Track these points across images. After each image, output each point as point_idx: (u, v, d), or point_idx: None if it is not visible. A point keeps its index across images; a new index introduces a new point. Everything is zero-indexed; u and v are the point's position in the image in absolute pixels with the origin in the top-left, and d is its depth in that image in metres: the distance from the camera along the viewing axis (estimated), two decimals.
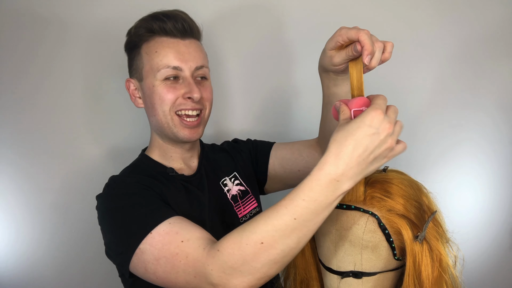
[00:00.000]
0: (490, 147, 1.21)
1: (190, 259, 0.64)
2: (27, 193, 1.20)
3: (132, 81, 0.87)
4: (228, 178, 0.95)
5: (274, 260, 0.59)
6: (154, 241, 0.67)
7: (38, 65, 1.14)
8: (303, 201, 0.57)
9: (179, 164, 0.90)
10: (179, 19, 0.82)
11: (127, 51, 0.88)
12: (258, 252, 0.58)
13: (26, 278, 1.24)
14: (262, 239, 0.58)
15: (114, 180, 0.82)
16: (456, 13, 1.13)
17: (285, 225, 0.57)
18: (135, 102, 0.89)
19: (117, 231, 0.74)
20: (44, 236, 1.22)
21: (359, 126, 0.55)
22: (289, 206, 0.57)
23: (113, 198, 0.77)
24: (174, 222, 0.69)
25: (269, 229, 0.58)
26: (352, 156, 0.55)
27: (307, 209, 0.57)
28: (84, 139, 1.19)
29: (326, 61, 0.71)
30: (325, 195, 0.56)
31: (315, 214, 0.57)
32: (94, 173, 1.17)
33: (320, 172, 0.56)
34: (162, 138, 0.88)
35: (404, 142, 0.59)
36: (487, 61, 1.16)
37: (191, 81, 0.82)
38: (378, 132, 0.55)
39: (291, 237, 0.58)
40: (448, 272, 0.65)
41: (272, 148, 1.01)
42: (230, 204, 0.92)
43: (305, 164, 0.95)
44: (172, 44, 0.82)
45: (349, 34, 0.64)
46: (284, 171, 0.98)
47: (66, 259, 1.23)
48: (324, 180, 0.56)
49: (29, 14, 1.10)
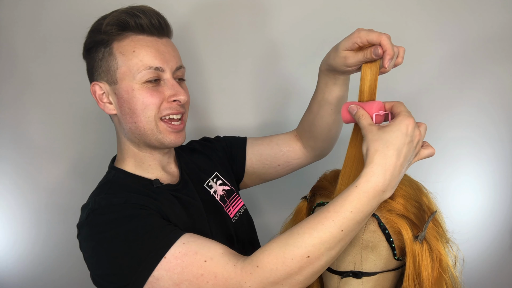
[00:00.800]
0: (490, 147, 1.21)
1: (220, 278, 0.60)
2: (26, 192, 1.20)
3: (100, 84, 0.76)
4: (211, 179, 0.90)
5: (317, 271, 0.60)
6: (171, 266, 0.62)
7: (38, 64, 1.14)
8: (350, 213, 0.57)
9: (158, 173, 0.81)
10: (154, 16, 0.75)
11: (89, 51, 0.77)
12: (304, 266, 0.58)
13: (26, 277, 1.24)
14: (309, 253, 0.58)
15: (99, 203, 0.71)
16: (457, 13, 1.13)
17: (332, 237, 0.58)
18: (105, 108, 0.77)
19: (119, 261, 0.64)
20: (43, 236, 1.23)
21: (397, 135, 0.57)
22: (336, 219, 0.58)
23: (106, 225, 0.67)
24: (188, 241, 0.64)
25: (315, 242, 0.58)
26: (396, 166, 0.57)
27: (353, 220, 0.58)
28: (84, 138, 1.19)
29: (339, 61, 0.71)
30: (372, 206, 0.58)
31: (359, 224, 0.59)
32: (94, 172, 1.17)
33: (368, 184, 0.57)
34: (138, 146, 0.79)
35: (432, 148, 0.64)
36: (487, 61, 1.16)
37: (174, 82, 0.76)
38: (412, 140, 0.58)
39: (336, 248, 0.59)
40: (448, 272, 0.65)
41: (248, 144, 0.97)
42: (221, 206, 0.88)
43: (286, 159, 0.93)
44: (150, 43, 0.74)
45: (370, 37, 0.64)
46: (263, 167, 0.96)
47: (66, 259, 1.23)
48: (372, 192, 0.57)
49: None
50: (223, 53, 1.17)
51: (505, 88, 1.17)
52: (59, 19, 1.11)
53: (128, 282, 0.63)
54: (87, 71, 0.80)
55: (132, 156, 0.80)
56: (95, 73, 0.77)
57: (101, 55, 0.75)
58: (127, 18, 0.72)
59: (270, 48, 1.17)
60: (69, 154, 1.20)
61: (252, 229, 0.96)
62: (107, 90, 0.76)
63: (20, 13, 1.11)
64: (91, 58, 0.77)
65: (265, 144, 0.96)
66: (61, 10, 1.11)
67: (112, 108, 0.77)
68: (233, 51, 1.17)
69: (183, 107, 0.78)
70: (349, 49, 0.68)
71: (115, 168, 0.80)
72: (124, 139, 0.79)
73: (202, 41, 1.16)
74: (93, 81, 0.77)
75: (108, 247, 0.65)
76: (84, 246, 0.70)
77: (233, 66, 1.19)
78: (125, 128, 0.77)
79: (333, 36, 1.13)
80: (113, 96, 0.76)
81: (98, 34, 0.74)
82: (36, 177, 1.19)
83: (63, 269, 1.25)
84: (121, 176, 0.79)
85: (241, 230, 0.90)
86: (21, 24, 1.11)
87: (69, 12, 1.11)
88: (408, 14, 1.14)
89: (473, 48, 1.14)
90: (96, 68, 0.76)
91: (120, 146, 0.81)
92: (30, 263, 1.24)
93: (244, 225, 0.93)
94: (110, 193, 0.74)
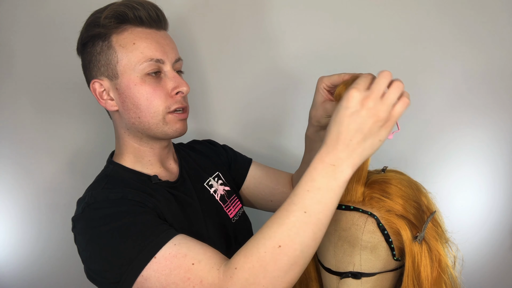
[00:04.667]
0: (490, 146, 1.21)
1: (205, 283, 0.59)
2: (26, 192, 1.20)
3: (99, 81, 0.75)
4: (212, 178, 0.90)
5: (294, 262, 0.57)
6: (160, 266, 0.61)
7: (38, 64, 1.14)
8: (307, 192, 0.57)
9: (157, 169, 0.81)
10: (152, 8, 0.75)
11: (85, 46, 0.75)
12: (278, 257, 0.56)
13: (25, 277, 1.24)
14: (279, 241, 0.57)
15: (95, 197, 0.70)
16: (458, 13, 1.13)
17: (297, 221, 0.57)
18: (106, 105, 0.76)
19: (110, 257, 0.64)
20: (42, 235, 1.23)
21: (338, 110, 0.57)
22: (296, 201, 0.57)
23: (100, 220, 0.67)
24: (179, 242, 0.63)
25: (283, 229, 0.57)
26: (338, 139, 0.56)
27: (314, 199, 0.57)
28: (81, 135, 1.19)
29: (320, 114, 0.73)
30: (326, 182, 0.57)
31: (323, 204, 0.57)
32: (92, 170, 1.16)
33: (315, 160, 0.58)
34: (140, 140, 0.78)
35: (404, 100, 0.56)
36: (487, 60, 1.15)
37: (175, 74, 0.76)
38: (357, 110, 0.55)
39: (306, 232, 0.57)
40: (447, 272, 0.65)
41: (251, 166, 0.98)
42: (220, 205, 0.88)
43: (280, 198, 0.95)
44: (149, 35, 0.74)
45: (332, 79, 0.67)
46: (257, 195, 0.97)
47: (65, 258, 1.23)
48: (320, 166, 0.57)
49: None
50: (222, 51, 1.18)
51: (505, 87, 1.16)
52: (55, 18, 1.11)
53: (119, 280, 0.63)
54: (82, 67, 0.78)
55: (131, 151, 0.79)
56: (94, 69, 0.75)
57: (99, 49, 0.73)
58: (126, 10, 0.72)
59: (271, 46, 1.17)
60: (66, 152, 1.20)
61: (249, 231, 0.96)
62: (108, 86, 0.75)
63: (17, 12, 1.11)
64: (87, 53, 0.75)
65: (269, 174, 0.98)
66: (57, 9, 1.11)
67: (114, 104, 0.76)
68: (233, 49, 1.17)
69: (185, 100, 0.79)
70: (323, 100, 0.71)
71: (113, 163, 0.80)
72: (124, 134, 0.79)
73: (200, 36, 1.16)
74: (92, 79, 0.76)
75: (101, 243, 0.65)
76: (78, 240, 0.70)
77: (233, 64, 1.18)
78: (127, 123, 0.77)
79: (334, 34, 1.14)
80: (114, 91, 0.75)
81: (95, 28, 0.73)
82: (33, 175, 1.19)
83: (63, 269, 1.25)
84: (119, 171, 0.78)
85: (240, 230, 0.90)
86: (17, 23, 1.11)
87: (65, 10, 1.11)
88: (409, 13, 1.14)
89: (473, 47, 1.14)
90: (95, 63, 0.74)
91: (119, 142, 0.81)
92: (30, 263, 1.24)
93: (243, 226, 0.93)
94: (107, 188, 0.73)
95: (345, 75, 0.65)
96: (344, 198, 0.66)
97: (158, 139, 0.79)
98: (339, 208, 0.66)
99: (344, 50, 1.15)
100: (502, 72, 1.15)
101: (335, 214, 0.66)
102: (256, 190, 0.97)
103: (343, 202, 0.66)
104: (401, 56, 1.15)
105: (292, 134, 1.22)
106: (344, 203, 0.66)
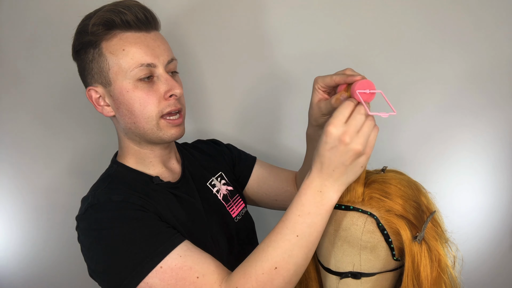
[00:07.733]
0: (489, 146, 1.21)
1: None
2: (26, 192, 1.20)
3: (95, 88, 0.75)
4: (215, 178, 0.91)
5: (289, 280, 0.62)
6: (166, 276, 0.63)
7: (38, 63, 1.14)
8: (298, 216, 0.61)
9: (159, 169, 0.82)
10: (140, 10, 0.73)
11: (78, 53, 0.76)
12: (274, 278, 0.61)
13: (26, 277, 1.24)
14: (275, 264, 0.61)
15: (98, 198, 0.71)
16: (459, 13, 1.13)
17: (290, 245, 0.61)
18: (103, 111, 0.77)
19: (113, 261, 0.65)
20: (42, 236, 1.22)
21: (319, 142, 0.59)
22: (289, 225, 0.61)
23: (104, 222, 0.68)
24: (185, 254, 0.65)
25: (279, 253, 0.61)
26: (322, 169, 0.60)
27: (304, 223, 0.61)
28: (80, 136, 1.19)
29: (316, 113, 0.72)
30: (315, 207, 0.61)
31: (313, 227, 0.61)
32: (93, 171, 1.17)
33: (304, 186, 0.62)
34: (139, 143, 0.79)
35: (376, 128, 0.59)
36: (487, 59, 1.15)
37: (168, 76, 0.75)
38: (336, 145, 0.57)
39: (299, 254, 0.61)
40: (447, 272, 0.65)
41: (256, 165, 0.99)
42: (222, 205, 0.88)
43: (284, 197, 0.95)
44: (139, 39, 0.73)
45: (325, 80, 0.67)
46: (262, 195, 0.98)
47: (65, 259, 1.23)
48: (309, 192, 0.61)
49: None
50: (222, 50, 1.17)
51: (504, 87, 1.16)
52: (47, 17, 1.11)
53: (120, 284, 0.64)
54: (79, 73, 0.79)
55: (133, 153, 0.80)
56: (88, 76, 0.76)
57: (91, 56, 0.74)
58: (113, 16, 0.71)
59: (271, 45, 1.17)
60: (68, 153, 1.20)
61: (252, 231, 0.96)
62: (103, 93, 0.76)
63: (17, 14, 1.11)
64: (81, 60, 0.76)
65: (273, 173, 0.98)
66: (57, 10, 1.11)
67: (110, 110, 0.77)
68: (233, 48, 1.17)
69: (180, 102, 0.78)
70: (318, 99, 0.71)
71: (117, 162, 0.81)
72: (124, 137, 0.80)
73: (200, 36, 1.16)
74: (88, 86, 0.76)
75: (105, 246, 0.66)
76: (81, 239, 0.71)
77: (233, 63, 1.18)
78: (124, 128, 0.78)
79: (332, 34, 1.14)
80: (109, 98, 0.76)
81: (85, 35, 0.73)
82: (33, 176, 1.19)
83: (63, 269, 1.25)
84: (122, 171, 0.79)
85: (242, 230, 0.90)
86: (8, 23, 1.11)
87: (66, 11, 1.10)
88: (409, 13, 1.14)
89: (472, 48, 1.14)
90: (88, 71, 0.75)
91: (120, 144, 0.82)
92: (30, 263, 1.24)
93: (246, 226, 0.93)
94: (110, 188, 0.74)
95: (336, 77, 0.65)
96: (344, 198, 0.66)
97: (156, 143, 0.80)
98: (339, 208, 0.66)
99: (344, 50, 1.15)
100: (503, 72, 1.15)
101: (335, 214, 0.66)
102: (260, 189, 0.98)
103: (343, 202, 0.66)
104: (400, 56, 1.15)
105: (293, 132, 1.22)
106: (344, 203, 0.66)
